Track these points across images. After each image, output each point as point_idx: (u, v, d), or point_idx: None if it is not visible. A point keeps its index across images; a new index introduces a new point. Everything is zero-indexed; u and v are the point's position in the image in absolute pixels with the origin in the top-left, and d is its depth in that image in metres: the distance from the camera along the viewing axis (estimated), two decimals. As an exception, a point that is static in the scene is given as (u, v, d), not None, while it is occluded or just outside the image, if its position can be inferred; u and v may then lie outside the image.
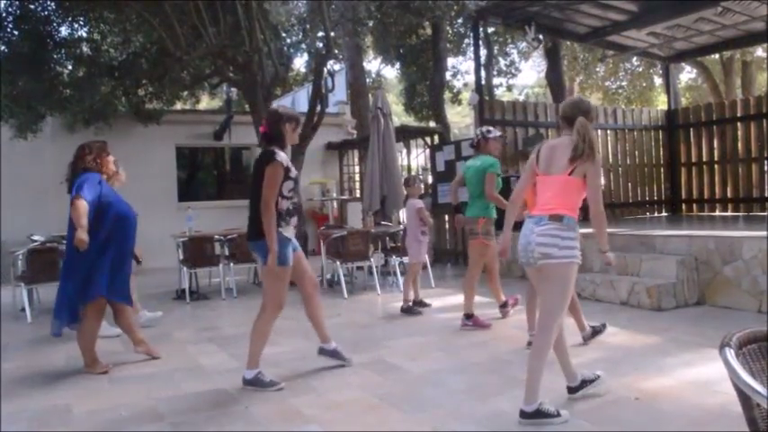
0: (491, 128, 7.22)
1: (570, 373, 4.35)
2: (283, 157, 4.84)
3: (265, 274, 4.99)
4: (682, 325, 6.59)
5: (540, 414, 3.89)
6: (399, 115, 27.43)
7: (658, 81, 25.95)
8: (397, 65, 22.74)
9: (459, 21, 19.49)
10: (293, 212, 4.94)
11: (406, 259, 9.56)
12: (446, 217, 13.50)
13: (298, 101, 19.27)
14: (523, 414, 3.91)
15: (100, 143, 5.86)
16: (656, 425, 3.87)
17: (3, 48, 10.75)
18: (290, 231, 4.93)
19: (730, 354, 1.98)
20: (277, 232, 4.75)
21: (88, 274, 5.48)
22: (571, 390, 4.35)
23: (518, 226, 4.34)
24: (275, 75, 11.46)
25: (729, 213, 13.44)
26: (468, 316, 6.84)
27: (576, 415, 4.00)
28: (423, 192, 9.34)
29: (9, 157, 13.31)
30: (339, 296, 8.99)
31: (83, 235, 5.24)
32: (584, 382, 4.37)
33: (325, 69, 13.14)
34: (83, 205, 5.31)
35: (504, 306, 7.42)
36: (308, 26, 16.76)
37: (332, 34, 12.82)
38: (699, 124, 14.19)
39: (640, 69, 26.20)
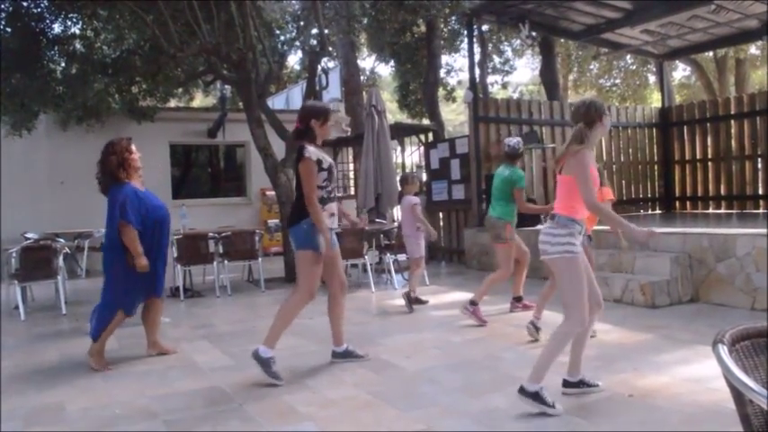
0: (518, 140, 7.29)
1: (576, 367, 4.39)
2: (312, 150, 5.04)
3: (298, 259, 5.16)
4: (675, 322, 6.61)
5: (537, 397, 3.98)
6: (394, 113, 27.42)
7: (652, 79, 25.98)
8: (392, 62, 22.72)
9: (454, 18, 19.47)
10: (326, 200, 5.14)
11: (401, 257, 9.58)
12: (440, 215, 13.52)
13: (292, 98, 19.26)
14: (523, 390, 4.03)
15: (125, 141, 5.86)
16: (650, 422, 3.88)
17: (-5, 45, 10.71)
18: (325, 219, 5.08)
19: (723, 351, 1.98)
20: (308, 218, 4.99)
21: (146, 282, 5.78)
22: (567, 384, 4.38)
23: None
24: (269, 72, 11.44)
25: (723, 211, 13.49)
26: (473, 303, 6.88)
27: (570, 411, 4.02)
28: (418, 189, 9.34)
29: (2, 155, 13.26)
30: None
31: (143, 261, 5.56)
32: (582, 383, 4.39)
33: (320, 67, 13.15)
34: (132, 232, 5.54)
35: (517, 300, 7.46)
36: (301, 23, 16.73)
37: (326, 32, 12.81)
38: (693, 122, 14.22)
39: (634, 67, 26.23)
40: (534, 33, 11.94)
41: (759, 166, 13.07)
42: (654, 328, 6.33)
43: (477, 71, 15.87)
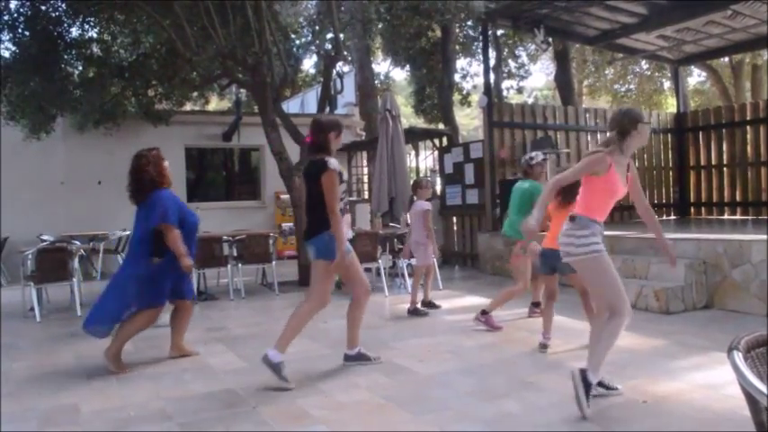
0: (532, 154, 7.41)
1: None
2: (335, 163, 5.14)
3: (316, 267, 5.24)
4: (690, 328, 6.59)
5: (588, 390, 4.02)
6: (408, 117, 27.43)
7: (667, 84, 25.87)
8: (407, 67, 22.73)
9: (469, 23, 19.47)
10: (343, 212, 5.20)
11: (413, 261, 9.56)
12: (454, 219, 13.52)
13: (307, 102, 19.31)
14: (584, 375, 4.05)
15: (155, 151, 5.98)
16: (664, 428, 3.87)
17: (14, 49, 10.79)
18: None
19: (738, 357, 1.97)
20: (329, 230, 5.06)
21: (172, 281, 5.88)
22: None
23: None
24: (284, 76, 11.47)
25: (738, 217, 13.40)
26: (485, 312, 6.88)
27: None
28: (430, 195, 9.33)
29: (19, 157, 13.40)
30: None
31: (188, 261, 5.76)
32: (601, 385, 4.39)
33: (335, 71, 13.16)
34: (176, 234, 5.71)
35: (536, 305, 7.44)
36: (317, 28, 16.78)
37: (341, 36, 12.84)
38: (708, 127, 14.16)
39: (649, 73, 26.13)
40: (549, 38, 11.91)
41: (775, 172, 12.99)
42: (668, 334, 6.31)
43: (492, 76, 15.84)
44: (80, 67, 12.08)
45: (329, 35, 16.48)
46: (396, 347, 6.19)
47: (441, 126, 20.74)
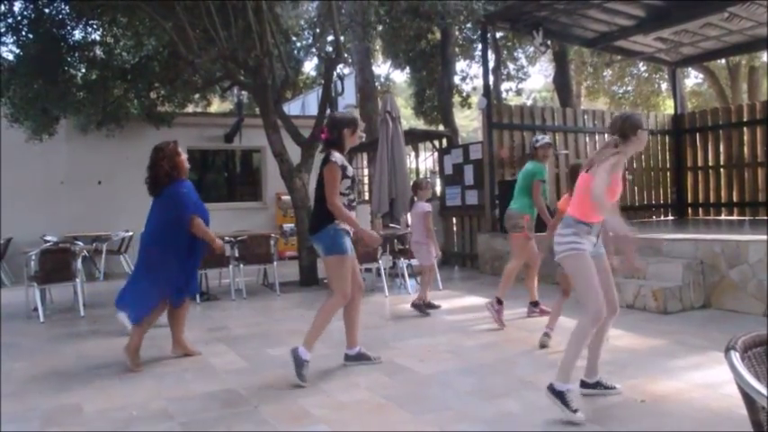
0: (539, 137, 7.79)
1: (593, 368, 4.46)
2: (338, 157, 5.21)
3: (328, 264, 5.30)
4: (687, 328, 6.62)
5: (562, 398, 4.02)
6: (408, 119, 27.44)
7: (664, 86, 25.90)
8: (407, 69, 22.75)
9: (468, 25, 19.50)
10: (347, 208, 5.24)
11: (414, 262, 9.60)
12: (454, 220, 13.56)
13: (307, 104, 19.34)
14: (552, 388, 4.08)
15: (172, 145, 6.05)
16: (662, 427, 3.91)
17: (18, 51, 10.83)
18: (346, 224, 5.25)
19: (736, 357, 1.99)
20: (333, 224, 5.14)
21: (185, 276, 6.03)
22: (584, 384, 4.44)
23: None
24: (285, 78, 11.52)
25: (735, 217, 13.45)
26: (500, 302, 7.02)
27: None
28: (430, 195, 9.41)
29: (23, 158, 13.43)
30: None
31: (220, 243, 6.24)
32: (599, 385, 4.45)
33: (335, 73, 13.19)
34: (201, 223, 5.95)
35: (534, 305, 7.52)
36: (318, 30, 16.82)
37: (342, 38, 12.87)
38: (705, 129, 14.21)
39: (646, 75, 26.17)
40: (548, 41, 11.96)
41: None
42: (666, 334, 6.35)
43: (491, 78, 15.87)
44: (83, 70, 12.13)
45: (330, 37, 16.53)
46: (396, 347, 6.23)
47: (440, 127, 20.77)
